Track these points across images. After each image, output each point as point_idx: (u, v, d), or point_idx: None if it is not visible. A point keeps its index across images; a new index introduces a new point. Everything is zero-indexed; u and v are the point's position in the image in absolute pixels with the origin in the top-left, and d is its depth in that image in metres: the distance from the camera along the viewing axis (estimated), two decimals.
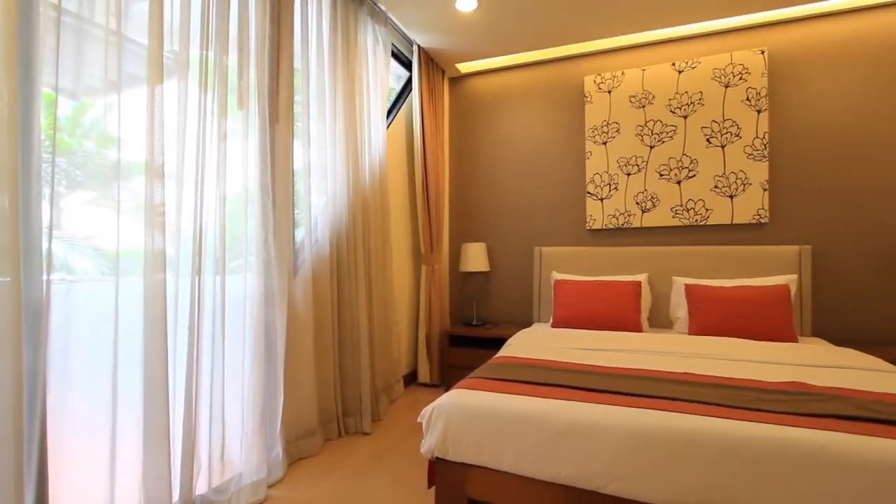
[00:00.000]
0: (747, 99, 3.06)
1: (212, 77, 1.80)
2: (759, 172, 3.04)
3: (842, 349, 2.29)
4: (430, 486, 1.72)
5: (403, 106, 3.56)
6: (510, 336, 3.05)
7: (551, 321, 3.15)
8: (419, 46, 3.36)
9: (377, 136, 2.90)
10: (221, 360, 1.85)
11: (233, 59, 1.92)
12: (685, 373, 1.87)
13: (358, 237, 2.65)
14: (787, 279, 2.80)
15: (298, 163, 2.35)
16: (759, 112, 3.04)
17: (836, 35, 2.93)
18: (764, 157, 3.03)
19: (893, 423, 1.34)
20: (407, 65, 3.50)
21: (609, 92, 3.39)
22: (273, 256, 2.09)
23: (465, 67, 3.79)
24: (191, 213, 1.72)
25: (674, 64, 3.23)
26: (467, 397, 1.66)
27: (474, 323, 3.64)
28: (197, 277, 1.72)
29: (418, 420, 1.74)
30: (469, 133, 3.92)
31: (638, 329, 2.92)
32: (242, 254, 2.02)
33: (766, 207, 3.03)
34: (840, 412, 1.40)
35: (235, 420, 1.95)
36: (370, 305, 2.81)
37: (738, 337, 2.63)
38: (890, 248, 2.82)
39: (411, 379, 3.60)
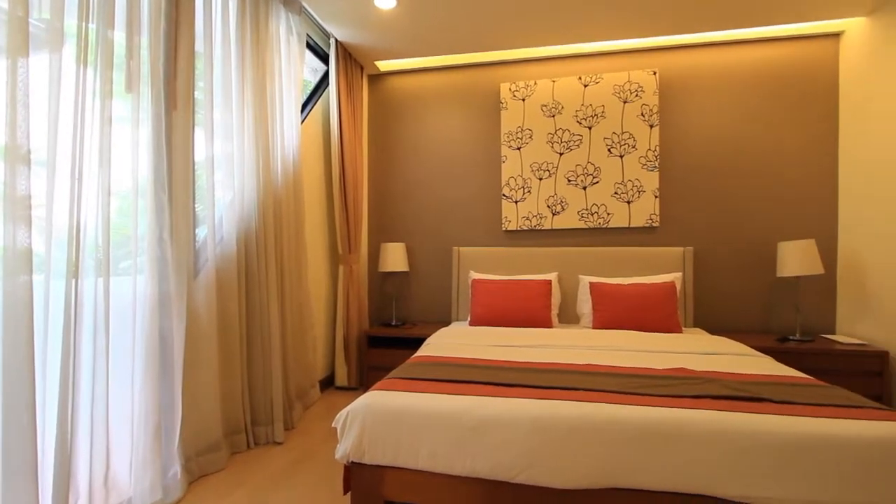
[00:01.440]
0: (642, 114, 3.38)
1: (93, 53, 1.59)
2: (652, 181, 3.37)
3: (717, 338, 2.62)
4: (345, 492, 1.67)
5: (320, 100, 3.43)
6: (429, 335, 3.07)
7: (469, 319, 3.23)
8: (336, 40, 3.26)
9: (291, 130, 2.77)
10: (105, 373, 1.64)
11: (120, 35, 1.71)
12: (588, 364, 2.02)
13: (269, 235, 2.50)
14: (674, 277, 3.14)
15: (201, 154, 2.16)
16: (651, 127, 3.37)
17: (714, 62, 3.35)
18: (655, 167, 3.37)
19: (754, 399, 1.56)
20: (324, 58, 3.38)
21: (523, 100, 3.56)
22: (169, 256, 1.90)
23: (384, 66, 3.75)
24: (66, 207, 1.50)
25: (580, 78, 3.48)
26: (383, 399, 1.64)
27: (393, 323, 3.62)
28: (74, 280, 1.51)
29: (333, 425, 1.69)
30: (389, 132, 3.89)
31: (549, 325, 3.10)
32: (132, 254, 1.81)
33: (657, 213, 3.37)
34: (713, 392, 1.60)
35: (123, 439, 1.74)
36: (283, 308, 2.67)
37: (634, 329, 2.90)
38: (755, 250, 3.29)
39: (328, 383, 3.48)
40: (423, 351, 2.43)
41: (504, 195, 3.61)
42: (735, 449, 1.36)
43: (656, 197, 3.37)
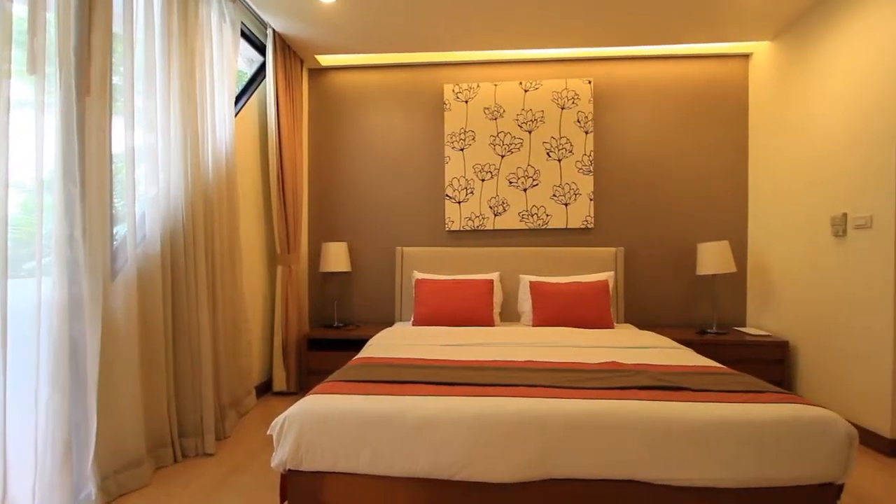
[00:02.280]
0: (578, 121, 3.54)
1: None
2: (587, 185, 3.54)
3: (645, 332, 2.80)
4: (282, 502, 1.61)
5: (256, 93, 3.27)
6: (372, 336, 3.03)
7: (413, 319, 3.22)
8: (274, 31, 3.13)
9: (224, 123, 2.62)
10: (2, 386, 1.47)
11: (21, 8, 1.54)
12: (527, 361, 2.08)
13: (199, 234, 2.35)
14: (607, 276, 3.31)
15: (120, 146, 1.99)
16: (586, 133, 3.54)
17: (643, 75, 3.58)
18: (590, 171, 3.54)
19: (676, 388, 1.68)
20: (260, 49, 3.23)
21: (466, 102, 3.61)
22: (81, 257, 1.73)
23: (326, 60, 3.65)
24: None
25: (521, 83, 3.58)
26: (322, 403, 1.60)
27: (335, 325, 3.53)
28: None
29: (268, 432, 1.62)
30: (330, 128, 3.79)
31: (491, 323, 3.16)
32: (37, 254, 1.63)
33: (592, 215, 3.55)
34: (640, 383, 1.71)
35: (25, 459, 1.57)
36: (214, 311, 2.52)
37: (571, 326, 3.03)
38: (678, 250, 3.55)
39: (265, 389, 3.33)
40: (365, 352, 2.39)
41: (447, 195, 3.63)
42: (658, 435, 1.46)
43: (591, 200, 3.54)
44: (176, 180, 2.24)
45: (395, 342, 2.55)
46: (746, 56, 3.52)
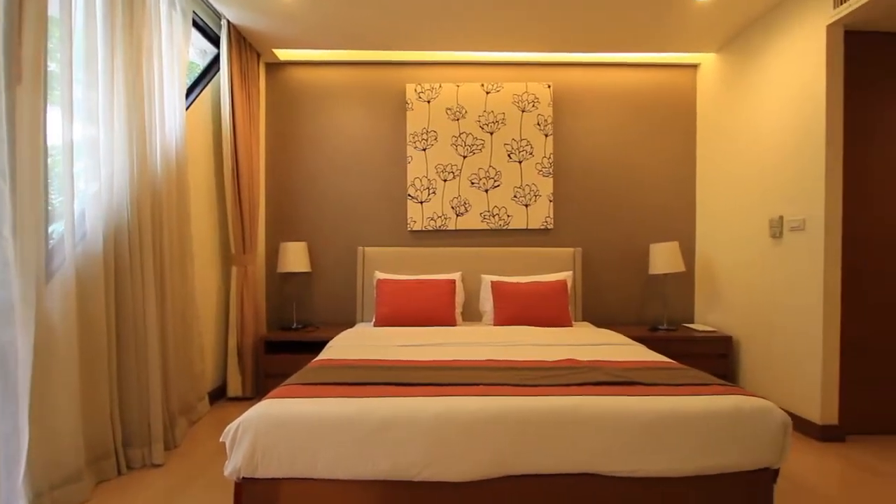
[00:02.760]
0: (538, 124, 3.62)
1: None
2: (547, 187, 3.62)
3: (602, 330, 2.89)
4: None
5: (210, 86, 3.14)
6: (332, 338, 2.97)
7: (374, 320, 3.19)
8: (229, 22, 3.01)
9: (173, 115, 2.49)
10: None
11: None
12: (488, 360, 2.11)
13: (146, 232, 2.23)
14: (565, 275, 3.40)
15: (57, 138, 1.85)
16: (546, 136, 3.62)
17: (601, 81, 3.70)
18: (550, 173, 3.62)
19: (629, 383, 1.74)
20: (214, 40, 3.10)
21: (428, 102, 3.61)
22: (11, 256, 1.60)
23: (284, 55, 3.55)
24: None
25: (483, 85, 3.62)
26: (279, 406, 1.55)
27: (294, 327, 3.44)
28: None
29: (221, 440, 1.56)
30: (290, 125, 3.69)
31: (453, 323, 3.17)
32: None
33: (552, 216, 3.63)
34: (596, 379, 1.76)
35: None
36: (163, 313, 2.39)
37: (531, 325, 3.08)
38: (633, 250, 3.69)
39: (220, 394, 3.20)
40: (324, 354, 2.34)
41: (409, 195, 3.62)
42: (612, 429, 1.52)
43: (551, 201, 3.63)
44: (120, 175, 2.12)
45: (355, 343, 2.52)
46: (694, 67, 3.71)
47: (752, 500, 1.57)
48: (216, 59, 3.14)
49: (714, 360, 3.19)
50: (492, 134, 3.62)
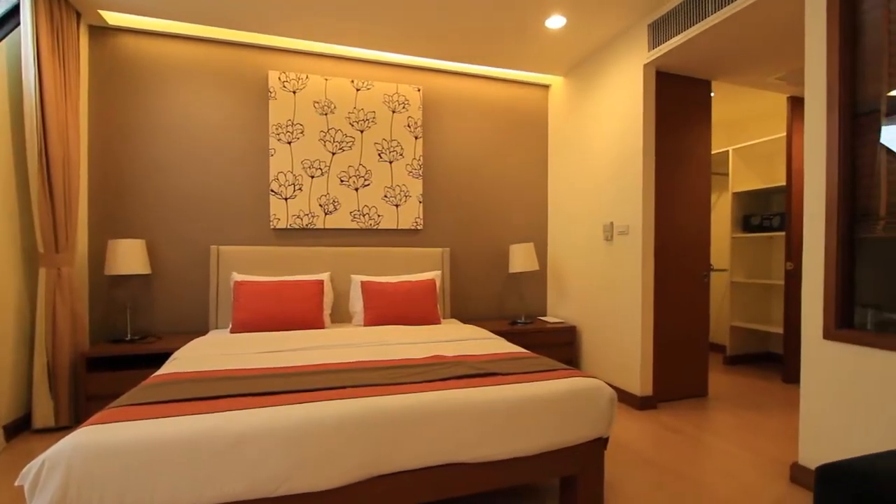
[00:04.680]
0: (408, 125, 3.68)
1: None
2: (417, 188, 3.70)
3: (468, 326, 3.05)
4: None
5: (5, 43, 2.52)
6: (178, 349, 2.62)
7: (231, 326, 2.90)
8: None
9: None
10: None
11: None
12: (356, 361, 2.07)
13: None
14: (434, 274, 3.52)
15: None
16: (416, 138, 3.70)
17: (467, 90, 3.90)
18: (420, 175, 3.71)
19: (488, 374, 1.87)
20: None
21: (294, 92, 3.41)
22: None
23: (114, 18, 3.02)
24: None
25: (353, 81, 3.55)
26: (100, 433, 1.31)
27: (128, 339, 2.95)
28: None
29: (17, 483, 1.26)
30: (125, 105, 3.15)
31: (321, 325, 3.04)
32: None
33: (421, 216, 3.72)
34: (459, 373, 1.85)
35: None
36: None
37: (401, 324, 3.12)
38: (495, 250, 3.97)
39: (23, 426, 2.59)
40: (167, 368, 2.05)
41: (273, 191, 3.38)
42: (473, 419, 1.61)
43: (420, 202, 3.71)
44: None
45: (207, 353, 2.26)
46: (546, 87, 4.15)
47: (588, 466, 1.81)
48: (15, 11, 2.53)
49: (562, 348, 3.62)
50: (362, 132, 3.57)
